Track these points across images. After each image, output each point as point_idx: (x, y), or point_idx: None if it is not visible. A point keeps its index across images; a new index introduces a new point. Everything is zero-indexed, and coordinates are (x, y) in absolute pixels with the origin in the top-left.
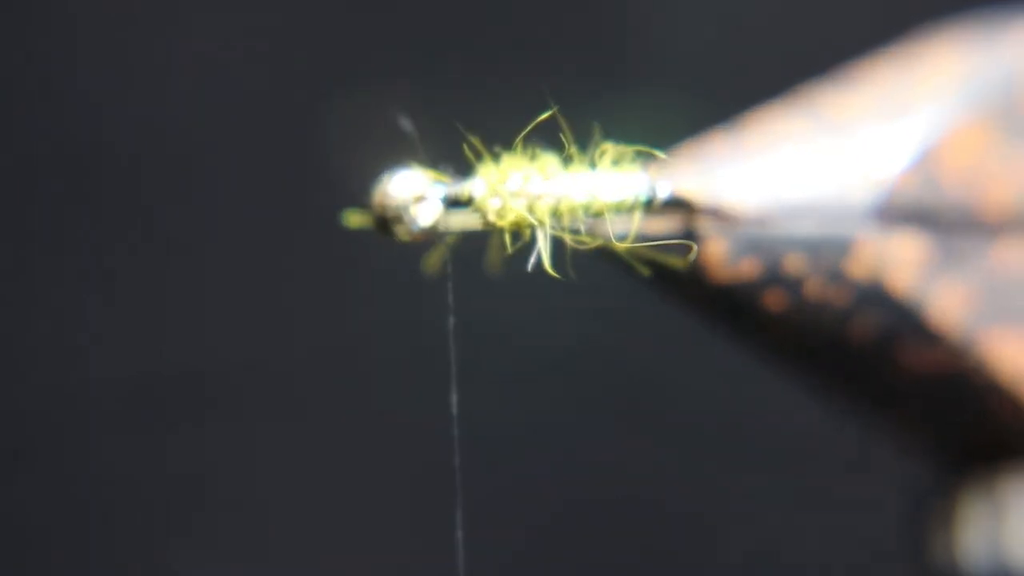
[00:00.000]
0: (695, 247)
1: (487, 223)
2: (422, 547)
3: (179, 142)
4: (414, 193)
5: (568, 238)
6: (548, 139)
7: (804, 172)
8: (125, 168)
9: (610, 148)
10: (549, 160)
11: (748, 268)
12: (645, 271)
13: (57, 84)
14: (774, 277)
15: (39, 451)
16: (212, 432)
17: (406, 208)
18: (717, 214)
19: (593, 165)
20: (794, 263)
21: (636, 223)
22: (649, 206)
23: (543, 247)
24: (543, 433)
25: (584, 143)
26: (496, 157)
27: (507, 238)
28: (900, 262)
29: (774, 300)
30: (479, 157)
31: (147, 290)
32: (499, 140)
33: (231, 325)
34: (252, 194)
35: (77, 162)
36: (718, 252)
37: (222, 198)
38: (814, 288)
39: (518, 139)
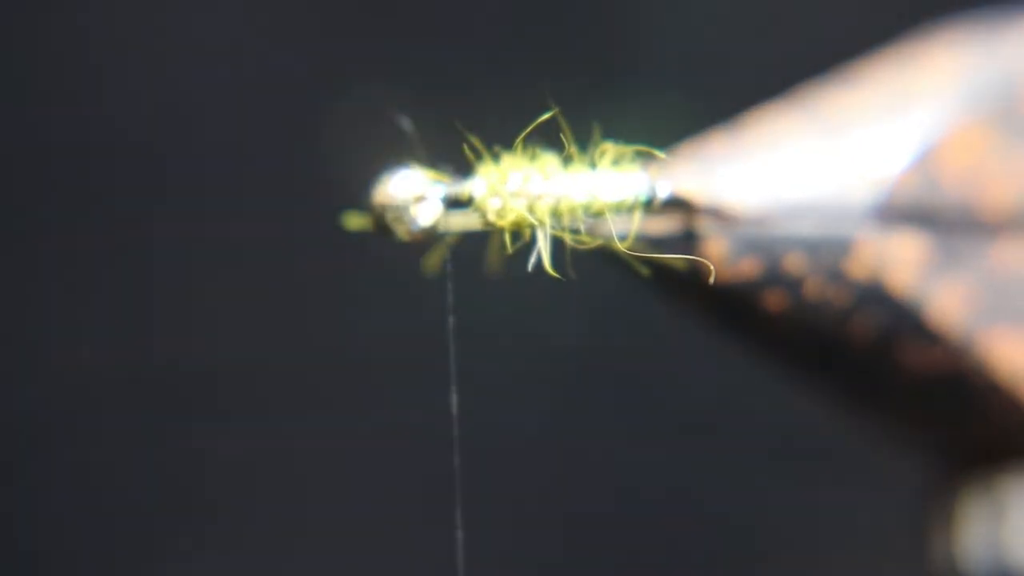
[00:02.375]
0: (695, 247)
1: (487, 223)
2: (422, 547)
3: (180, 142)
4: (414, 193)
5: (568, 238)
6: (548, 139)
7: (804, 172)
8: (126, 167)
9: (610, 148)
10: (549, 160)
11: (748, 268)
12: (645, 271)
13: (63, 78)
14: (774, 277)
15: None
16: (211, 432)
17: (406, 208)
18: (717, 214)
19: (593, 165)
20: (794, 263)
21: (636, 223)
22: (649, 206)
23: (543, 247)
24: (543, 433)
25: (584, 143)
26: (496, 157)
27: (507, 238)
28: (900, 262)
29: (774, 300)
30: (479, 157)
31: (147, 289)
32: (499, 140)
33: (230, 325)
34: (252, 194)
35: (78, 158)
36: (718, 252)
37: (222, 198)
38: (814, 288)
39: (518, 139)
